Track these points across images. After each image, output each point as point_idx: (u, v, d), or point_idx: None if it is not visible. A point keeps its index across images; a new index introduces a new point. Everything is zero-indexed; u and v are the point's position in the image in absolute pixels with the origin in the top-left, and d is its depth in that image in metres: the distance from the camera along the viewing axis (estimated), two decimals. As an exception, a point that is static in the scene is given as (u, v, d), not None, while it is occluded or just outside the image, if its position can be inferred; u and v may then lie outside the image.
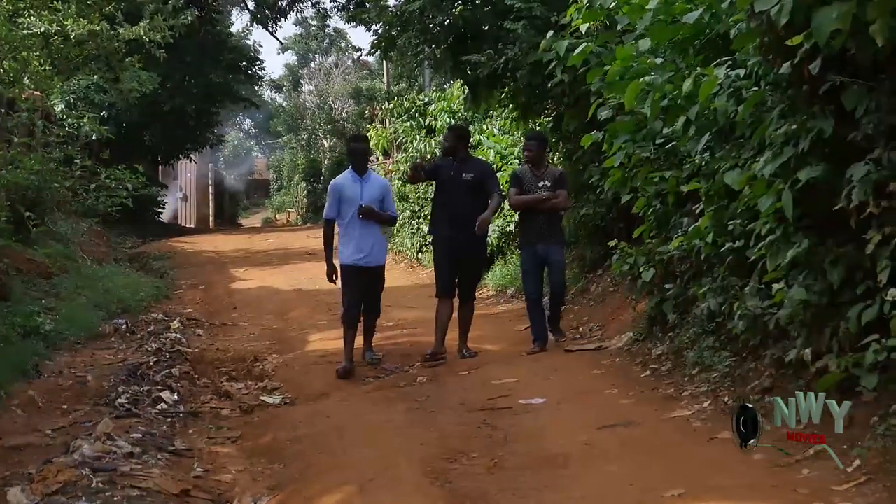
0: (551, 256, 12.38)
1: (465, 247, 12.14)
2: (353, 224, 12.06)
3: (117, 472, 7.60)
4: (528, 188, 12.41)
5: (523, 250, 12.66)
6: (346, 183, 12.23)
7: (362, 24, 21.44)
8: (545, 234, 12.34)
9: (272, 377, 12.14)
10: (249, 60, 47.55)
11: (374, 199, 12.10)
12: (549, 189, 12.35)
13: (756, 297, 8.39)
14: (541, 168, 12.54)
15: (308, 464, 8.25)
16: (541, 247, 12.33)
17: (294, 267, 25.95)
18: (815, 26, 6.08)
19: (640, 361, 11.01)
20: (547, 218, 12.38)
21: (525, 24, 15.10)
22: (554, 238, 12.45)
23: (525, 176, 12.54)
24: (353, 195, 12.05)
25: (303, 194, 61.86)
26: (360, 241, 12.04)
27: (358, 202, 11.98)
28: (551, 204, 12.34)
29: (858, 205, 6.66)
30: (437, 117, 26.24)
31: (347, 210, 12.07)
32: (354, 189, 12.10)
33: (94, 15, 22.90)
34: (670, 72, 9.38)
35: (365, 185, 12.15)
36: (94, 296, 16.30)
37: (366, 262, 12.08)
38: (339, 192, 12.17)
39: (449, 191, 12.25)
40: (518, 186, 12.48)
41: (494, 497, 6.87)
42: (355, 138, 13.51)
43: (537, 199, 12.32)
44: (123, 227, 31.10)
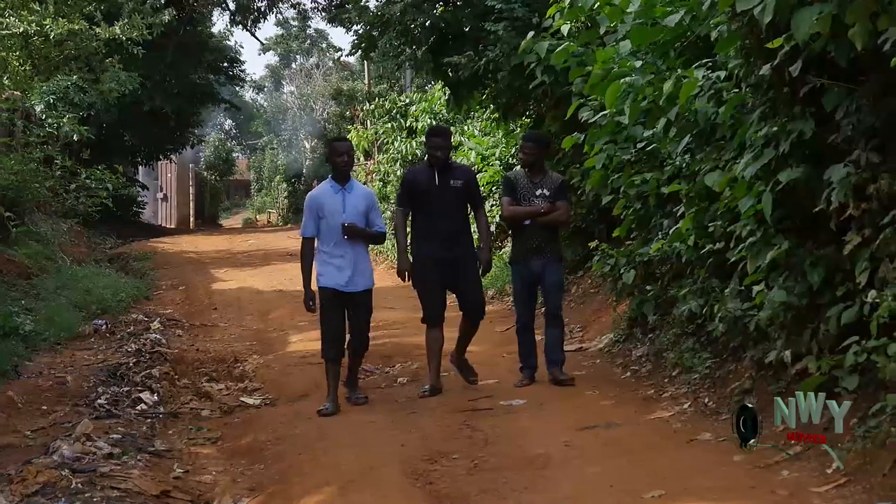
0: (548, 277, 10.55)
1: (456, 266, 10.43)
2: (333, 242, 10.13)
3: (97, 472, 7.56)
4: (524, 197, 10.55)
5: (515, 267, 10.79)
6: (325, 195, 10.28)
7: (343, 24, 21.46)
8: (541, 250, 10.51)
9: (252, 378, 12.11)
10: (230, 61, 47.55)
11: (358, 214, 10.20)
12: (547, 199, 10.49)
13: (736, 298, 8.42)
14: (539, 174, 10.61)
15: (288, 465, 8.24)
16: (536, 264, 10.51)
17: (275, 268, 25.91)
18: (794, 26, 6.10)
19: (620, 363, 11.06)
20: (543, 231, 10.52)
21: (506, 26, 15.15)
22: (551, 254, 10.58)
23: (520, 182, 10.63)
24: (335, 209, 10.12)
25: (283, 195, 61.91)
26: (343, 261, 10.11)
27: (340, 217, 10.08)
28: (551, 218, 10.51)
29: (838, 207, 6.70)
30: (418, 118, 26.29)
31: (328, 226, 10.14)
32: (335, 202, 10.16)
33: (74, 15, 22.86)
34: (651, 74, 9.40)
35: (347, 196, 10.19)
36: (74, 296, 16.25)
37: (349, 287, 10.14)
38: (318, 206, 10.23)
39: (433, 202, 10.40)
40: (512, 194, 10.61)
41: (475, 498, 6.88)
42: (336, 139, 11.05)
43: (534, 212, 10.47)
44: (104, 228, 31.02)
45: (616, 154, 11.08)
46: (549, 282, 10.58)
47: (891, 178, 6.38)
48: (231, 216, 74.62)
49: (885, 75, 6.29)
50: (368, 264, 10.44)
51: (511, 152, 20.88)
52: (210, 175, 67.35)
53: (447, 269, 10.40)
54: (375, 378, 11.54)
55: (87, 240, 26.41)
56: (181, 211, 61.06)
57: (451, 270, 10.43)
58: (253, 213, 70.02)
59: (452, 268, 10.43)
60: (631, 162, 11.01)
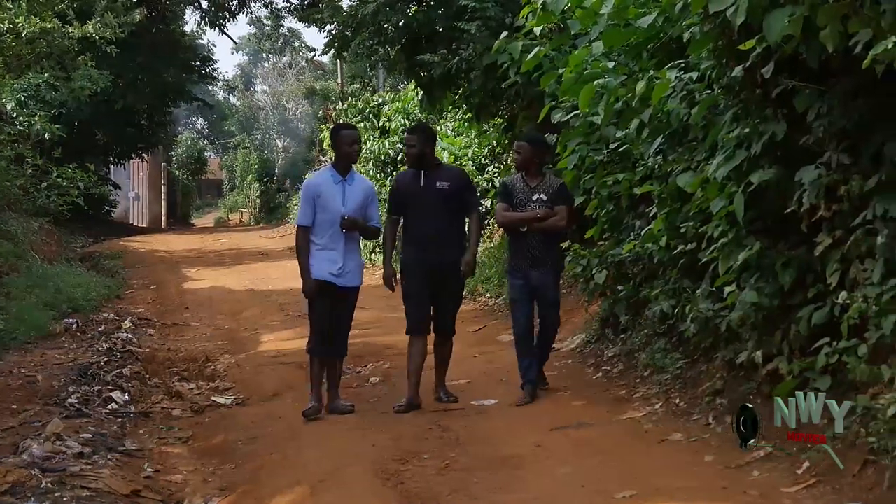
0: (545, 289, 9.96)
1: (443, 273, 9.75)
2: (328, 234, 9.64)
3: (67, 472, 7.54)
4: (520, 202, 9.94)
5: (512, 277, 10.15)
6: (324, 184, 9.76)
7: (315, 24, 21.41)
8: (539, 259, 9.89)
9: (224, 377, 12.07)
10: (203, 60, 47.46)
11: (357, 207, 9.69)
12: (545, 204, 9.86)
13: (708, 299, 8.44)
14: (536, 178, 10.00)
15: (260, 464, 8.22)
16: (534, 274, 9.87)
17: (247, 267, 25.92)
18: (766, 28, 6.12)
19: (592, 363, 11.07)
20: (542, 239, 9.89)
21: (479, 26, 15.14)
22: (549, 264, 9.97)
23: (516, 187, 10.02)
24: (332, 200, 9.63)
25: (256, 194, 61.80)
26: (336, 254, 9.62)
27: (338, 208, 9.58)
28: (547, 224, 9.87)
29: (809, 208, 6.74)
30: (391, 118, 26.30)
31: (323, 216, 9.63)
32: (334, 193, 9.65)
33: (46, 13, 22.77)
34: (623, 75, 9.42)
35: (348, 188, 9.69)
36: (44, 295, 16.18)
37: (341, 281, 9.69)
38: (315, 194, 9.70)
39: (419, 206, 9.81)
40: (507, 200, 10.04)
41: (446, 498, 6.88)
42: (344, 126, 10.58)
43: (528, 218, 9.86)
44: (75, 227, 30.97)
45: (588, 155, 11.09)
46: (546, 295, 10.00)
47: (861, 179, 6.41)
48: (203, 215, 74.46)
49: (856, 77, 6.31)
50: (360, 261, 10.10)
51: (484, 152, 20.92)
52: (182, 174, 67.21)
53: (433, 276, 9.75)
54: (347, 378, 11.50)
55: (58, 238, 26.33)
56: (153, 210, 60.85)
57: (436, 281, 9.77)
58: (225, 213, 69.93)
59: (437, 278, 9.76)
60: (603, 163, 11.03)
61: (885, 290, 6.09)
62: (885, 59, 5.38)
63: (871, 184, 6.34)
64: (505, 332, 13.40)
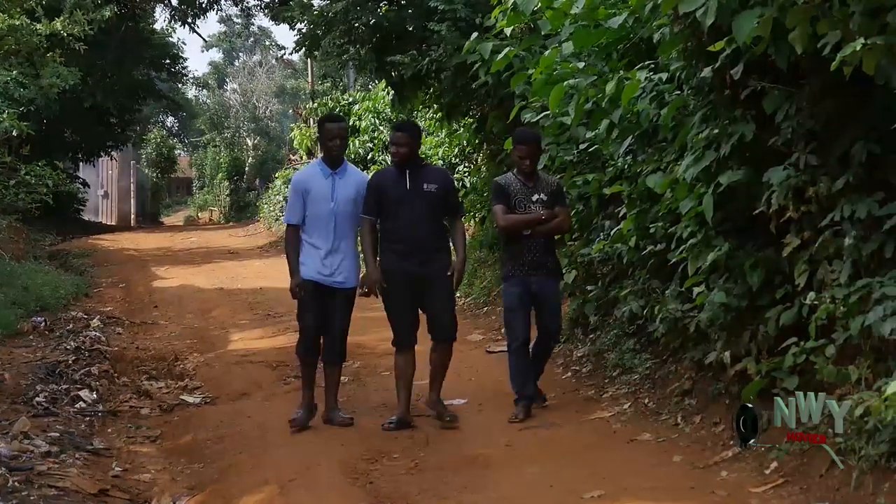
0: (546, 296, 9.33)
1: (430, 281, 9.09)
2: (319, 232, 9.17)
3: (34, 471, 7.50)
4: (518, 204, 9.24)
5: (509, 283, 9.39)
6: (312, 179, 9.27)
7: (286, 22, 21.36)
8: (539, 264, 9.26)
9: (193, 376, 12.02)
10: (173, 58, 47.28)
11: (348, 202, 9.13)
12: (545, 204, 9.23)
13: (677, 299, 8.48)
14: (532, 177, 9.33)
15: (228, 464, 8.19)
16: (534, 281, 9.22)
17: (216, 266, 25.84)
18: (736, 29, 6.14)
19: (561, 363, 11.08)
20: (542, 243, 9.28)
21: (449, 26, 15.17)
22: (550, 269, 9.38)
23: (513, 188, 9.30)
24: (322, 194, 9.13)
25: (225, 193, 61.59)
26: (327, 253, 9.10)
27: (328, 205, 9.09)
28: (552, 226, 9.29)
29: (778, 209, 6.77)
30: (361, 117, 26.35)
31: (314, 212, 9.15)
32: (324, 187, 9.15)
33: (15, 10, 22.65)
34: (593, 76, 9.43)
35: (337, 181, 9.16)
36: (12, 293, 16.06)
37: (334, 282, 9.17)
38: (304, 189, 9.23)
39: (403, 209, 9.04)
40: (504, 201, 9.29)
41: (415, 498, 6.89)
42: (329, 118, 9.78)
43: (534, 220, 9.18)
44: (43, 224, 30.78)
45: (559, 155, 11.12)
46: (548, 302, 9.36)
47: (829, 180, 6.46)
48: (173, 214, 74.22)
49: (824, 79, 6.34)
50: (355, 260, 9.40)
51: (454, 152, 20.93)
52: (152, 172, 66.96)
53: (418, 286, 9.08)
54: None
55: (26, 236, 26.15)
56: (122, 208, 60.67)
57: (422, 288, 9.10)
58: (195, 211, 69.65)
59: (424, 285, 9.09)
60: (573, 163, 11.06)
61: (853, 292, 6.12)
62: (853, 61, 5.41)
63: (838, 185, 6.38)
64: (475, 332, 13.43)
